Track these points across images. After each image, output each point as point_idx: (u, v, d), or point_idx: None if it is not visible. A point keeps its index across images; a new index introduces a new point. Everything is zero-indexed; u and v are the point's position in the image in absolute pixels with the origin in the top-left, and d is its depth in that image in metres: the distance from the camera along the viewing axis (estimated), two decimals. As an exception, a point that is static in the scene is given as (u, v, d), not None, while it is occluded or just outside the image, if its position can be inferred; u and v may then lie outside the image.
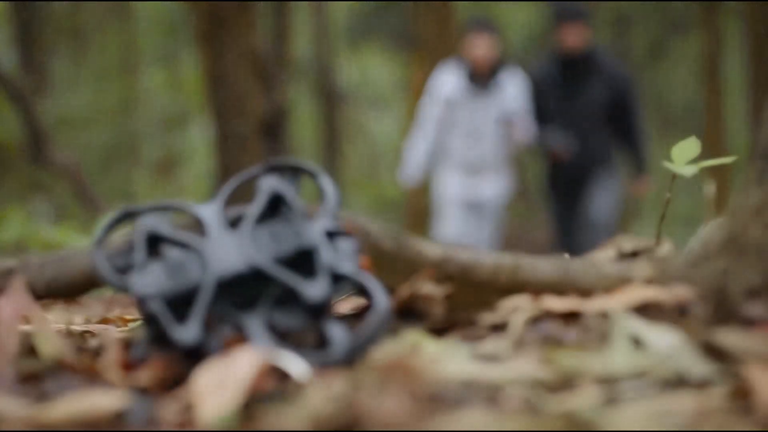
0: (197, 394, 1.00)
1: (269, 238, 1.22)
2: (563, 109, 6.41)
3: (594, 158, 6.46)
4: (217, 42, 6.18)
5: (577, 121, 6.38)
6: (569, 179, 6.50)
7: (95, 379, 1.16)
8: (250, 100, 6.16)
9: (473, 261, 1.29)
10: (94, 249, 1.26)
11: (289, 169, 1.35)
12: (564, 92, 6.41)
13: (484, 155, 6.48)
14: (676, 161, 1.58)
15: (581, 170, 6.46)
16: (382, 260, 1.30)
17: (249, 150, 6.10)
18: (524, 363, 1.11)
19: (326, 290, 1.16)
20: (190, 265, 1.19)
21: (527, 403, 0.98)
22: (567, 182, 6.52)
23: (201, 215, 1.29)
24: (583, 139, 6.39)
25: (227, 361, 1.06)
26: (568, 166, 6.43)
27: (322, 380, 1.10)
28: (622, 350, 1.09)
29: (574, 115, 6.38)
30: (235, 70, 6.12)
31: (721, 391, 0.98)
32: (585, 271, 1.27)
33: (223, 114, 6.29)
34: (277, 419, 0.97)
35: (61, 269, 1.32)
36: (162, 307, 1.16)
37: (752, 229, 1.19)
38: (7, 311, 1.26)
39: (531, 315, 1.23)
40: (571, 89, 6.39)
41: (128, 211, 1.29)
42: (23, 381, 1.19)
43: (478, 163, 6.49)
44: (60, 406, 1.00)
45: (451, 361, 1.11)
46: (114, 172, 11.82)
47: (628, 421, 0.90)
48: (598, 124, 6.42)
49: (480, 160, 6.49)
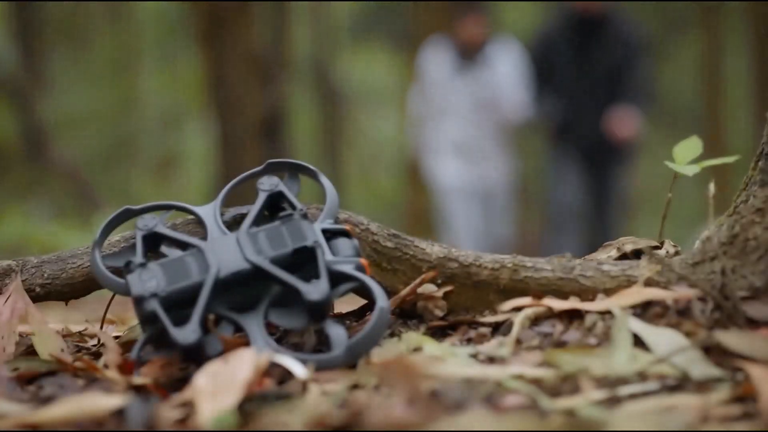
0: (197, 394, 1.00)
1: (269, 238, 1.21)
2: (572, 74, 5.78)
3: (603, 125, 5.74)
4: (217, 42, 6.18)
5: (587, 88, 5.76)
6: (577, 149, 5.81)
7: (94, 379, 1.15)
8: (250, 100, 6.16)
9: (473, 261, 1.29)
10: (93, 249, 1.26)
11: (289, 169, 1.34)
12: (574, 55, 5.78)
13: (479, 137, 6.08)
14: (678, 160, 1.58)
15: (590, 139, 5.78)
16: (382, 260, 1.30)
17: (248, 150, 6.10)
18: (524, 363, 1.10)
19: (326, 290, 1.15)
20: (190, 265, 1.19)
21: (527, 403, 0.98)
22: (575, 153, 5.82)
23: (200, 215, 1.29)
24: (591, 104, 5.75)
25: (227, 362, 1.06)
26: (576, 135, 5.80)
27: (322, 380, 1.09)
28: (624, 351, 1.09)
29: (584, 81, 5.75)
30: (235, 70, 6.12)
31: (723, 392, 0.98)
32: (586, 271, 1.27)
33: (223, 114, 6.30)
34: (277, 419, 0.97)
35: (60, 269, 1.32)
36: (161, 307, 1.15)
37: (754, 229, 1.19)
38: (5, 312, 1.26)
39: (532, 315, 1.23)
40: (582, 52, 5.76)
41: (127, 211, 1.29)
42: (22, 381, 1.18)
43: (473, 146, 6.08)
44: (59, 406, 0.99)
45: (451, 361, 1.11)
46: (114, 172, 11.83)
47: (629, 421, 0.90)
48: (609, 88, 5.75)
49: (475, 143, 6.08)
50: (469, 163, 6.10)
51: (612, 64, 5.76)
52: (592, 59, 5.77)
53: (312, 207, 1.31)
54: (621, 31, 5.77)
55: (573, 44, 5.79)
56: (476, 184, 6.10)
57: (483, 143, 6.12)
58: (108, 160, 12.02)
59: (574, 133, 5.82)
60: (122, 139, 12.39)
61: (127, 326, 1.43)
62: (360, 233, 1.30)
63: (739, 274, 1.18)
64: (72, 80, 12.05)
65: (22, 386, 1.17)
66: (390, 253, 1.30)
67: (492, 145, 6.15)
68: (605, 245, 1.46)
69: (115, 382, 1.11)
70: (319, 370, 1.11)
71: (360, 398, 1.01)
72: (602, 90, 5.78)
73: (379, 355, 1.17)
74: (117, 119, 12.28)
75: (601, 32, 5.75)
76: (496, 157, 6.16)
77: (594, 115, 5.75)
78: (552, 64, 5.85)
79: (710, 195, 1.27)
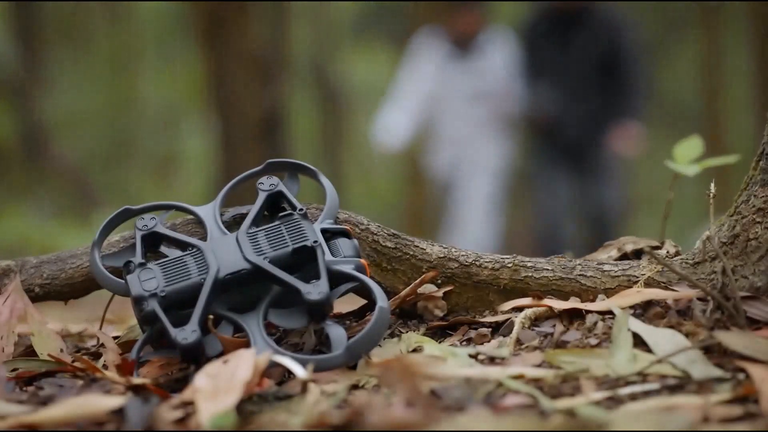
0: (196, 394, 1.00)
1: (269, 238, 1.21)
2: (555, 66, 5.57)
3: (592, 123, 5.52)
4: (216, 42, 6.19)
5: (570, 80, 5.54)
6: (565, 149, 5.57)
7: (94, 379, 1.15)
8: (250, 100, 6.15)
9: (474, 261, 1.29)
10: (92, 249, 1.26)
11: (289, 169, 1.34)
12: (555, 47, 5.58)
13: (473, 128, 5.90)
14: (678, 160, 1.58)
15: (579, 138, 5.54)
16: (382, 260, 1.30)
17: (248, 150, 6.10)
18: (524, 363, 1.10)
19: (326, 291, 1.15)
20: (189, 265, 1.19)
21: (527, 403, 0.98)
22: (563, 153, 5.57)
23: (200, 215, 1.29)
24: (578, 100, 5.52)
25: (226, 362, 1.05)
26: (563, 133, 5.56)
27: (322, 380, 1.09)
28: (624, 351, 1.09)
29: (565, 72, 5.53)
30: (235, 70, 6.12)
31: (723, 392, 0.98)
32: (586, 271, 1.27)
33: (223, 113, 6.30)
34: (276, 419, 0.97)
35: (59, 269, 1.31)
36: (160, 307, 1.15)
37: (755, 229, 1.18)
38: (4, 312, 1.26)
39: (532, 315, 1.22)
40: (562, 43, 5.56)
41: (127, 211, 1.29)
42: (21, 382, 1.18)
43: (467, 137, 5.91)
44: (59, 406, 0.99)
45: (451, 361, 1.11)
46: (113, 172, 11.83)
47: (629, 421, 0.90)
48: (596, 84, 5.54)
49: (469, 134, 5.91)
50: (462, 155, 5.93)
51: (598, 59, 5.54)
52: (575, 54, 5.56)
53: (312, 207, 1.31)
54: (605, 25, 5.56)
55: (554, 39, 5.59)
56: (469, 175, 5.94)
57: (477, 135, 5.96)
58: (107, 159, 12.02)
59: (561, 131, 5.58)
60: (122, 138, 12.39)
61: (126, 326, 1.43)
62: (360, 233, 1.30)
63: (740, 274, 1.18)
64: (72, 80, 12.05)
65: (22, 387, 1.17)
66: (390, 253, 1.30)
67: (486, 136, 5.97)
68: (606, 245, 1.46)
69: (114, 382, 1.11)
70: (319, 371, 1.10)
71: (360, 398, 1.01)
72: (590, 86, 5.56)
73: (379, 355, 1.17)
74: (116, 119, 12.28)
75: (582, 26, 5.56)
76: (489, 148, 5.98)
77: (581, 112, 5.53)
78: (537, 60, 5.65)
79: (711, 195, 1.27)
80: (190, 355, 1.13)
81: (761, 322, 1.13)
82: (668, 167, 1.58)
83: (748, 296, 1.16)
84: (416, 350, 1.19)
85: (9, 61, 9.80)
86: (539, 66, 5.64)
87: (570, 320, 1.21)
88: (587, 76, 5.55)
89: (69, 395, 1.07)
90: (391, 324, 1.27)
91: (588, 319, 1.19)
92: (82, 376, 1.18)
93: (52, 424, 0.97)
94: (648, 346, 1.10)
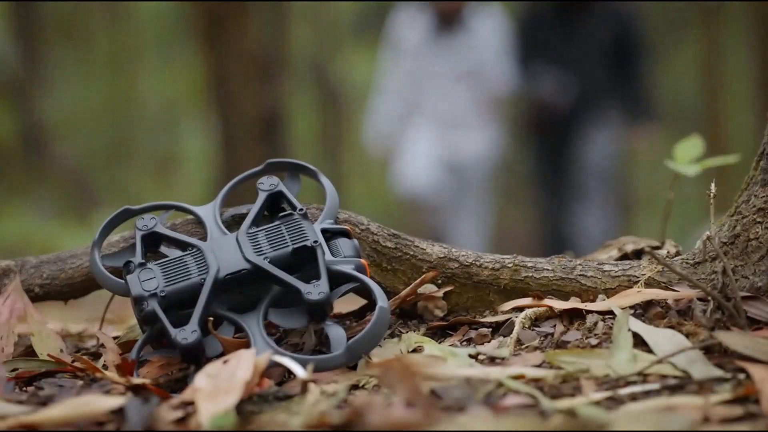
0: (197, 394, 1.00)
1: (269, 238, 1.21)
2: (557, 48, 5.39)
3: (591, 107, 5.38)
4: (216, 42, 6.18)
5: (573, 63, 5.37)
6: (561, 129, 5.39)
7: (94, 379, 1.15)
8: (250, 100, 6.15)
9: (474, 261, 1.29)
10: (92, 249, 1.26)
11: (289, 169, 1.34)
12: (559, 28, 5.38)
13: (458, 108, 5.50)
14: (679, 160, 1.58)
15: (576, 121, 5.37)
16: (382, 260, 1.30)
17: (248, 149, 6.09)
18: (525, 363, 1.10)
19: (326, 291, 1.15)
20: (189, 265, 1.19)
21: (527, 403, 0.98)
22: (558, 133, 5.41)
23: (200, 215, 1.29)
24: (580, 84, 5.36)
25: (226, 363, 1.05)
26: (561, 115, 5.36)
27: (322, 380, 1.09)
28: (624, 351, 1.08)
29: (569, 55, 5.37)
30: (234, 70, 6.11)
31: (724, 392, 0.98)
32: (587, 271, 1.27)
33: (223, 113, 6.29)
34: (276, 419, 0.96)
35: (59, 269, 1.31)
36: (160, 307, 1.15)
37: (756, 229, 1.18)
38: (4, 312, 1.26)
39: (532, 315, 1.22)
40: (566, 24, 5.37)
41: (127, 211, 1.29)
42: (21, 382, 1.18)
43: (453, 117, 5.50)
44: (58, 406, 0.99)
45: (451, 361, 1.11)
46: (113, 172, 11.83)
47: (629, 421, 0.90)
48: (598, 68, 5.40)
49: (455, 115, 5.50)
50: (449, 137, 5.50)
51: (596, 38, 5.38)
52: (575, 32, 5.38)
53: (312, 207, 1.31)
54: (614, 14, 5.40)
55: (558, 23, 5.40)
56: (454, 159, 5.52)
57: (463, 116, 5.54)
58: (107, 159, 12.02)
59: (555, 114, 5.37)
60: (121, 138, 12.38)
61: (126, 326, 1.43)
62: (360, 233, 1.30)
63: (740, 274, 1.18)
64: (72, 80, 12.04)
65: (21, 387, 1.17)
66: (390, 253, 1.30)
67: (472, 118, 5.55)
68: (606, 245, 1.46)
69: (114, 382, 1.11)
70: (319, 371, 1.10)
71: (360, 398, 1.01)
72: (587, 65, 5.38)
73: (379, 355, 1.17)
74: (116, 118, 12.28)
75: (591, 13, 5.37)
76: (476, 131, 5.56)
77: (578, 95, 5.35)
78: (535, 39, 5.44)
79: (711, 195, 1.27)
80: (190, 355, 1.13)
81: (762, 322, 1.13)
82: (668, 167, 1.58)
83: (749, 296, 1.16)
84: (416, 350, 1.19)
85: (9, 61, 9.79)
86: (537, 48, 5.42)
87: (570, 320, 1.21)
88: (590, 60, 5.39)
89: (69, 395, 1.07)
90: (391, 324, 1.27)
91: (588, 319, 1.19)
92: (82, 376, 1.18)
93: (52, 424, 0.97)
94: (648, 346, 1.10)
